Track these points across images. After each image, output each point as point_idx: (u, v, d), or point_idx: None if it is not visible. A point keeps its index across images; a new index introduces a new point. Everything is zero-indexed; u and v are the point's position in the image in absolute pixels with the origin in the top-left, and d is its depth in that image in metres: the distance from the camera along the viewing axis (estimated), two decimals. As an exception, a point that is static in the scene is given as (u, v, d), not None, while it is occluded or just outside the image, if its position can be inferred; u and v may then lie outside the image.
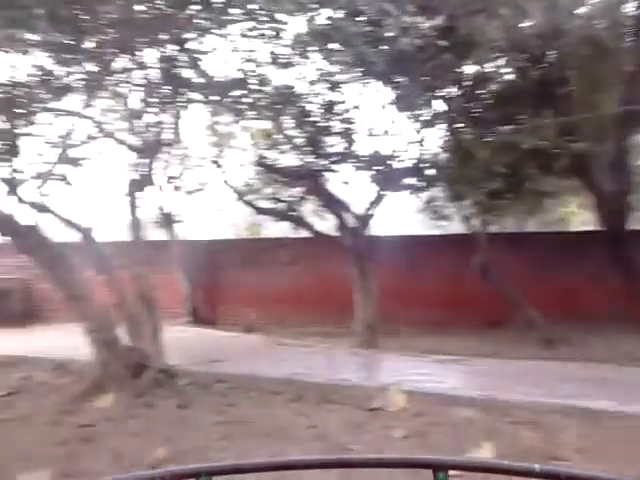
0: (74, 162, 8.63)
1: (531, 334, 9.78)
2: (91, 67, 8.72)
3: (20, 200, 6.91)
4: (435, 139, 10.73)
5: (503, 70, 9.94)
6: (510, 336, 9.94)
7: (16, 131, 7.46)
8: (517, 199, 11.10)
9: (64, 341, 8.94)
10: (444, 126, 10.43)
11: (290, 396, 6.56)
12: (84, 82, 8.41)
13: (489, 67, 9.76)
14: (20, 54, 7.17)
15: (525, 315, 10.10)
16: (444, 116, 10.24)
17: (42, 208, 7.15)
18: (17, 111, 7.29)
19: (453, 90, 9.94)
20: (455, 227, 13.16)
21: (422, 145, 10.50)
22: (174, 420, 5.58)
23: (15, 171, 7.21)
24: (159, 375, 6.27)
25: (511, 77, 9.94)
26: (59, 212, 7.43)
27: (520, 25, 9.01)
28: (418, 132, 10.40)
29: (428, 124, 10.35)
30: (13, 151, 7.39)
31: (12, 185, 6.94)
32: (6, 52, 6.70)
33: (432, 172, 10.49)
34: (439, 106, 10.27)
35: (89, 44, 8.32)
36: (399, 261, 12.15)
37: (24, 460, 4.48)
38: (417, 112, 10.11)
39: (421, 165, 10.43)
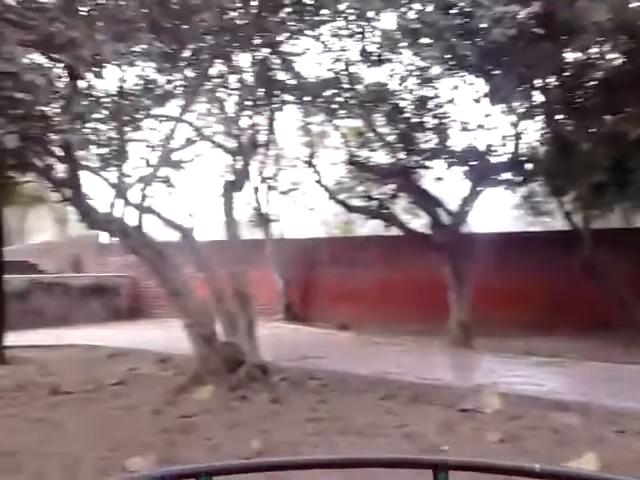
0: (176, 165, 9.10)
1: (641, 337, 9.13)
2: (190, 74, 9.16)
3: (127, 202, 7.37)
4: (533, 132, 10.30)
5: (609, 56, 9.33)
6: (617, 338, 9.33)
7: (124, 138, 7.98)
8: (623, 193, 10.37)
9: (167, 335, 9.44)
10: (542, 118, 9.97)
11: (381, 394, 6.55)
12: (183, 88, 8.84)
13: (593, 53, 9.20)
14: (126, 66, 7.65)
15: (635, 316, 9.43)
16: (542, 107, 9.79)
17: (146, 210, 7.58)
18: (124, 119, 7.80)
19: (552, 80, 9.47)
20: (556, 224, 12.55)
21: (519, 138, 10.10)
22: (267, 414, 5.74)
23: (123, 175, 7.70)
24: (254, 370, 6.47)
25: (618, 62, 9.30)
26: (162, 213, 7.86)
27: (629, 5, 8.41)
28: (515, 125, 10.02)
29: (525, 116, 9.95)
30: (122, 157, 7.91)
31: (121, 189, 7.41)
32: (114, 65, 7.15)
33: (530, 166, 10.07)
34: (537, 97, 9.84)
35: (187, 52, 8.74)
36: (495, 259, 11.76)
37: (130, 446, 4.79)
38: (513, 104, 9.74)
39: (518, 159, 10.04)
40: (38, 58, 5.89)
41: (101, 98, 7.43)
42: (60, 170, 8.98)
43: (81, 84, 6.53)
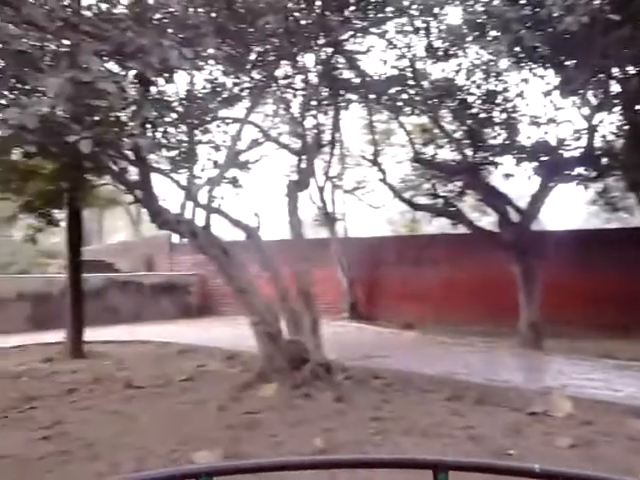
0: (242, 166, 9.30)
1: None
2: (256, 76, 9.33)
3: (196, 204, 7.59)
4: (608, 124, 9.82)
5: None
6: None
7: (193, 140, 8.22)
8: None
9: (234, 332, 9.68)
10: (619, 109, 9.49)
11: (447, 395, 6.44)
12: (250, 90, 9.02)
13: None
14: (194, 70, 7.88)
15: None
16: (619, 98, 9.31)
17: (214, 210, 7.78)
18: (193, 122, 8.03)
19: (630, 68, 8.99)
20: (635, 220, 11.93)
21: (594, 131, 9.66)
22: (331, 413, 5.76)
23: (192, 177, 7.94)
24: (318, 368, 6.51)
25: None
26: (229, 213, 8.05)
27: None
28: (589, 117, 9.59)
29: (600, 108, 9.49)
30: (191, 159, 8.16)
31: (190, 190, 7.64)
32: (182, 70, 7.39)
33: (605, 160, 9.61)
34: (613, 87, 9.37)
35: (253, 55, 8.91)
36: (567, 257, 11.33)
37: (197, 440, 4.94)
38: (587, 96, 9.32)
39: (592, 153, 9.61)
40: (111, 66, 6.18)
41: (171, 102, 7.68)
42: (133, 173, 9.39)
43: (151, 89, 6.78)
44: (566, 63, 8.71)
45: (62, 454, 4.68)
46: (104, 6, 6.38)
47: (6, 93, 6.44)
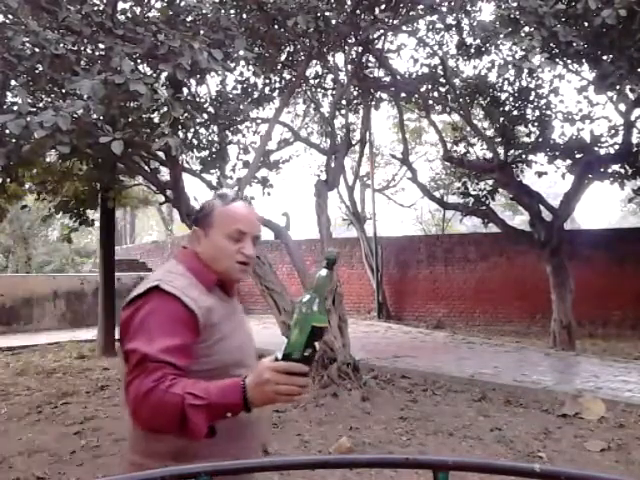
0: (272, 166, 9.36)
1: None
2: (286, 76, 9.38)
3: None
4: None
5: None
6: None
7: (224, 141, 8.31)
8: None
9: (262, 331, 9.73)
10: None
11: (475, 395, 6.38)
12: (280, 90, 9.08)
13: None
14: (225, 71, 7.97)
15: None
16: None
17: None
18: (224, 122, 8.12)
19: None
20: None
21: (631, 127, 9.41)
22: (358, 412, 5.77)
23: (223, 177, 8.03)
24: (345, 367, 6.52)
25: None
26: (258, 212, 8.11)
27: None
28: (625, 113, 9.34)
29: (638, 103, 9.23)
30: (221, 159, 8.25)
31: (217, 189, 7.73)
32: (213, 71, 7.48)
33: (643, 157, 9.35)
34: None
35: (284, 55, 8.96)
36: (602, 256, 11.08)
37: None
38: (624, 91, 9.08)
39: (629, 150, 9.36)
40: (143, 68, 6.30)
41: (202, 103, 7.78)
42: (164, 173, 9.55)
43: (183, 91, 6.88)
44: (602, 58, 8.51)
45: (93, 449, 4.80)
46: (138, 10, 6.52)
47: (43, 96, 6.63)
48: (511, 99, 10.19)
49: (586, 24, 8.01)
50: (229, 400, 1.28)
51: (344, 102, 10.04)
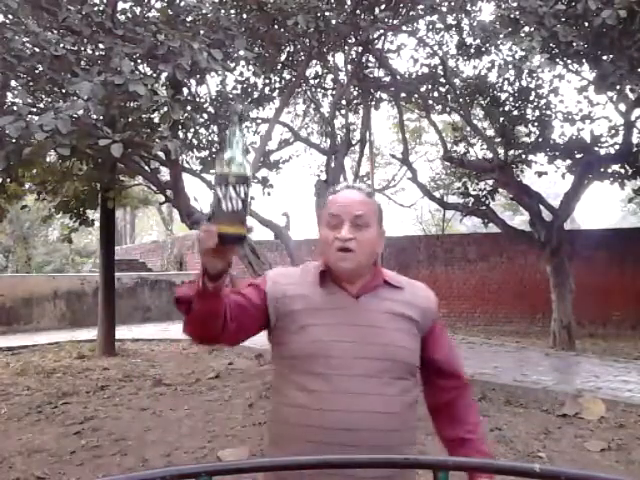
0: (272, 166, 9.37)
1: None
2: (286, 76, 9.38)
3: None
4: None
5: None
6: None
7: (223, 141, 8.30)
8: None
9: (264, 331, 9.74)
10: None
11: (475, 395, 6.36)
12: (280, 90, 9.07)
13: None
14: (225, 71, 7.97)
15: None
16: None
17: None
18: (224, 122, 8.12)
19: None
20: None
21: (631, 127, 9.41)
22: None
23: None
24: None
25: None
26: (258, 212, 8.11)
27: None
28: (625, 113, 9.35)
29: (638, 103, 9.23)
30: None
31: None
32: (213, 71, 7.48)
33: (643, 157, 9.34)
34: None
35: (284, 55, 8.96)
36: (602, 256, 11.08)
37: (224, 438, 5.01)
38: (624, 91, 9.08)
39: (629, 150, 9.36)
40: (143, 69, 6.29)
41: (202, 103, 7.77)
42: (164, 173, 9.54)
43: (183, 91, 6.88)
44: (602, 58, 8.51)
45: (93, 449, 4.79)
46: (138, 10, 6.51)
47: (42, 97, 6.63)
48: (511, 99, 10.19)
49: (586, 24, 8.01)
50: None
51: (344, 102, 10.04)
